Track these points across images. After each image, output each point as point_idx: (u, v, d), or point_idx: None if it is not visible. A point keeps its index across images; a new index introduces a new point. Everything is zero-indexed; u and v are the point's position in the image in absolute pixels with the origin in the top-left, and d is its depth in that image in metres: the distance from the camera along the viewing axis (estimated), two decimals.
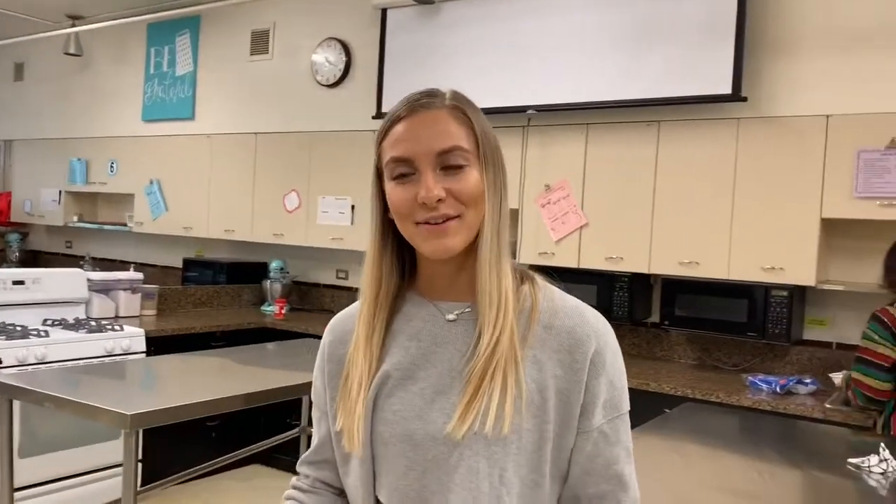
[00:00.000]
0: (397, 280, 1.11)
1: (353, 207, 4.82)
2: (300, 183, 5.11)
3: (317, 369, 1.19)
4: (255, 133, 5.39)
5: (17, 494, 2.86)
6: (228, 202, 5.49)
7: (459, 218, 1.02)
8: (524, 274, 1.10)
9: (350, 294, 5.32)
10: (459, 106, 1.05)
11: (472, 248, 1.05)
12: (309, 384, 2.96)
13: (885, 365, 2.73)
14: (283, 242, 5.20)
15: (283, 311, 5.03)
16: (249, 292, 5.50)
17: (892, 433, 2.75)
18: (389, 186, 1.05)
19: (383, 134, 1.06)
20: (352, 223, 4.82)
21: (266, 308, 5.27)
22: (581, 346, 1.03)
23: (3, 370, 3.29)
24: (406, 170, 1.03)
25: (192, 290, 5.18)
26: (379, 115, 4.71)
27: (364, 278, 1.10)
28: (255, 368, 3.17)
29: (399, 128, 1.04)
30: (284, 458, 4.59)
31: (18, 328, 3.82)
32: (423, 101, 1.05)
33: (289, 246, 5.32)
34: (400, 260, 1.12)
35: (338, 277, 5.41)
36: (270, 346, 3.90)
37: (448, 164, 1.02)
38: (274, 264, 5.34)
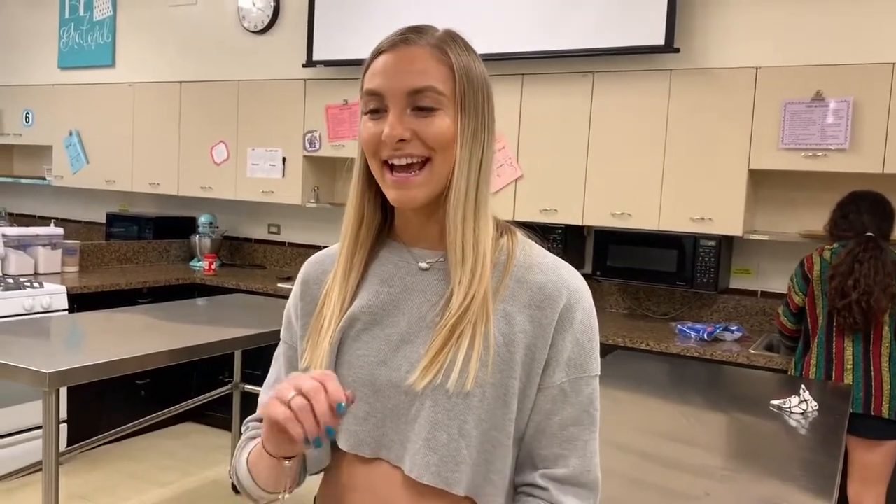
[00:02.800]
0: (380, 220, 1.09)
1: (284, 159, 4.69)
2: (228, 134, 4.94)
3: (289, 306, 1.17)
4: (180, 82, 5.17)
5: None
6: (153, 154, 5.28)
7: (429, 162, 0.99)
8: (504, 228, 1.08)
9: (282, 249, 5.22)
10: (443, 46, 1.01)
11: (443, 197, 1.02)
12: (240, 340, 2.93)
13: (793, 310, 3.05)
14: (211, 196, 5.04)
15: (213, 267, 4.90)
16: (177, 248, 5.33)
17: (803, 374, 2.93)
18: (363, 121, 1.02)
19: (367, 66, 1.03)
20: (283, 175, 4.68)
21: (195, 264, 5.13)
22: (551, 301, 1.00)
23: None
24: (377, 105, 1.00)
25: (116, 245, 4.99)
26: (310, 62, 4.57)
27: (346, 216, 1.08)
28: (184, 325, 3.08)
29: (379, 61, 1.01)
30: (218, 415, 4.53)
31: None
32: (407, 37, 1.01)
33: (218, 200, 5.17)
34: (383, 201, 1.08)
35: (270, 232, 5.29)
36: (200, 301, 3.80)
37: (419, 105, 0.98)
38: (203, 219, 5.18)
